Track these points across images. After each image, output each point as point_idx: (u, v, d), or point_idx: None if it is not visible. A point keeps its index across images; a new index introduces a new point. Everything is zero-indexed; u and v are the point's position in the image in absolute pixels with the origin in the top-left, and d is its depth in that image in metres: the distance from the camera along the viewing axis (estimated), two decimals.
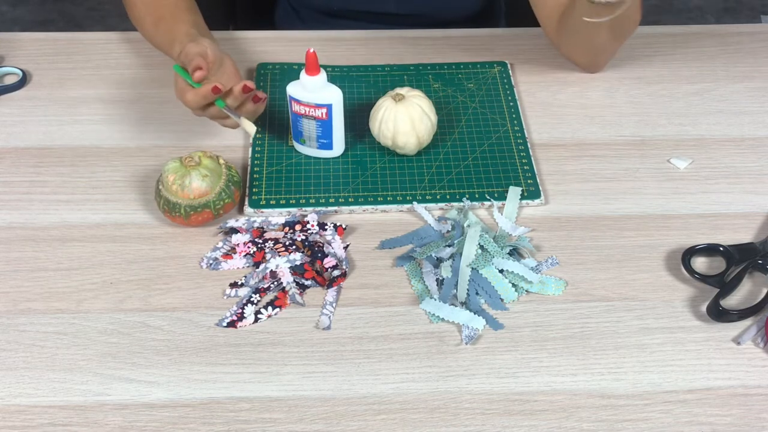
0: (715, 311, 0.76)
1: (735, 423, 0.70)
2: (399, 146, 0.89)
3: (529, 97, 1.01)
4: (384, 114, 0.88)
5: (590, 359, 0.74)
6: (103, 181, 0.90)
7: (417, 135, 0.88)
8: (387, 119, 0.87)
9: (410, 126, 0.87)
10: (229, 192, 0.83)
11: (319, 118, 0.86)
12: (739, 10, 2.41)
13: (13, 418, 0.69)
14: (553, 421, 0.70)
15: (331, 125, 0.87)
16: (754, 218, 0.87)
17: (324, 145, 0.90)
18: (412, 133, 0.87)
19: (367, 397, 0.71)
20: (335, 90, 0.86)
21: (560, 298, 0.79)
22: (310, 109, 0.86)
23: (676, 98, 1.02)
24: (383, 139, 0.89)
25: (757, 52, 1.09)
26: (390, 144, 0.89)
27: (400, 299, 0.79)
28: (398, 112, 0.87)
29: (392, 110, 0.87)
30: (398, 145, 0.89)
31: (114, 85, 1.01)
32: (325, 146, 0.90)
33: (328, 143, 0.89)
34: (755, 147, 0.95)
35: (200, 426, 0.69)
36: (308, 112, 0.86)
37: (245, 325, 0.76)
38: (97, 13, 2.36)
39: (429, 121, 0.88)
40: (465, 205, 0.87)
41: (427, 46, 1.07)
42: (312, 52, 0.83)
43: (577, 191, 0.90)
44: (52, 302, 0.78)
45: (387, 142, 0.89)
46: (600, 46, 0.98)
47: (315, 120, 0.87)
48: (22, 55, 1.05)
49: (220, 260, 0.82)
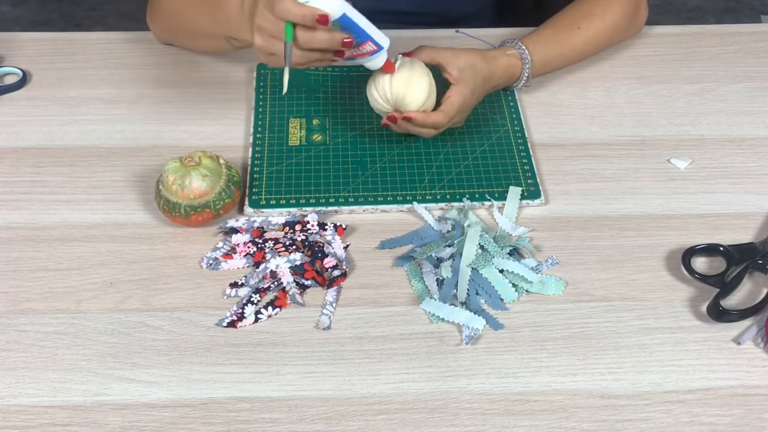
0: (715, 311, 0.76)
1: (735, 423, 0.70)
2: (410, 96, 0.86)
3: (529, 97, 1.01)
4: (399, 60, 0.87)
5: (590, 359, 0.74)
6: (103, 181, 0.90)
7: (429, 89, 0.87)
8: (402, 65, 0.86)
9: (427, 82, 0.87)
10: (229, 192, 0.83)
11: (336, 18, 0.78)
12: (739, 10, 2.41)
13: (13, 418, 0.69)
14: (553, 421, 0.70)
15: (358, 29, 0.80)
16: (754, 218, 0.87)
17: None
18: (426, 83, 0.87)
19: (367, 397, 0.71)
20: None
21: (560, 298, 0.79)
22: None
23: (676, 98, 1.02)
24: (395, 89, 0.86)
25: (757, 52, 1.09)
26: (401, 94, 0.86)
27: (400, 299, 0.79)
28: (414, 63, 0.87)
29: (407, 61, 0.87)
30: (411, 94, 0.86)
31: (114, 85, 1.01)
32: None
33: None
34: (755, 147, 0.95)
35: (200, 426, 0.69)
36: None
37: (245, 325, 0.76)
38: (97, 13, 2.35)
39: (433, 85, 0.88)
40: (465, 205, 0.87)
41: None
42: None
43: (577, 191, 0.90)
44: (52, 302, 0.78)
45: (397, 92, 0.86)
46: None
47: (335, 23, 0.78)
48: (22, 55, 1.05)
49: (220, 260, 0.82)
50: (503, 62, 0.94)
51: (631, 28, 1.05)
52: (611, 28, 1.01)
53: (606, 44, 1.04)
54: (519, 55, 0.95)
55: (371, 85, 0.88)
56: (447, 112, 0.88)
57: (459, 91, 0.88)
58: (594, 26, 1.00)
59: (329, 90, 1.00)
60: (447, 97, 0.88)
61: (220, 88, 1.01)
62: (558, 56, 0.99)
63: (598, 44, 1.02)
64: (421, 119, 0.87)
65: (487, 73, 0.92)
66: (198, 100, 1.00)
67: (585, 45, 1.01)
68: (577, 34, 0.99)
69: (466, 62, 0.89)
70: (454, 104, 0.88)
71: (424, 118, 0.87)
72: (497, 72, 0.93)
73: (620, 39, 1.06)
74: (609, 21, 1.01)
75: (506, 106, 0.99)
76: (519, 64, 0.95)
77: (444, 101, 0.88)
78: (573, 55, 1.01)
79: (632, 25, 1.05)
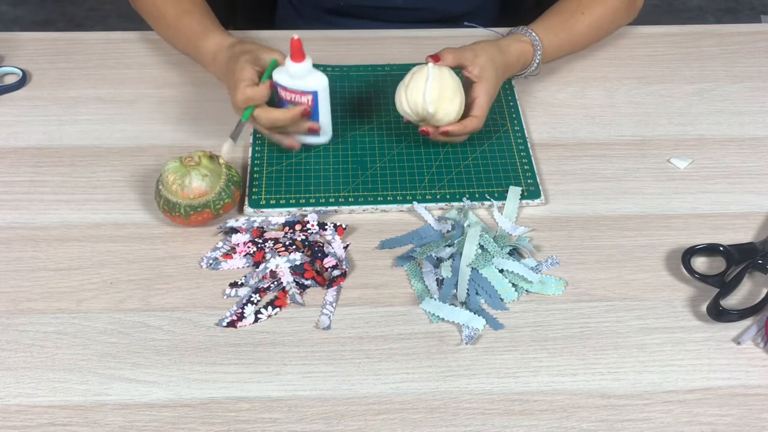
0: (715, 311, 0.76)
1: (735, 423, 0.70)
2: (442, 111, 0.86)
3: (529, 97, 1.01)
4: (430, 73, 0.86)
5: (590, 359, 0.74)
6: (103, 181, 0.90)
7: (461, 102, 0.87)
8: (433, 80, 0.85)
9: (459, 96, 0.86)
10: (229, 192, 0.83)
11: (306, 105, 0.86)
12: (739, 10, 2.41)
13: (13, 418, 0.69)
14: (553, 421, 0.70)
15: (317, 112, 0.87)
16: (754, 218, 0.87)
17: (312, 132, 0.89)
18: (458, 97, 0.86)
19: (367, 397, 0.71)
20: (321, 76, 0.85)
21: (560, 298, 0.79)
22: (296, 95, 0.86)
23: (676, 98, 1.02)
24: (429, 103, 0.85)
25: (757, 52, 1.09)
26: (432, 109, 0.86)
27: (400, 299, 0.79)
28: (443, 73, 0.86)
29: (437, 72, 0.86)
30: (443, 110, 0.86)
31: (114, 85, 1.02)
32: (313, 133, 0.89)
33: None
34: (755, 147, 0.95)
35: (200, 426, 0.69)
36: (294, 98, 0.86)
37: (245, 325, 0.76)
38: (97, 13, 2.36)
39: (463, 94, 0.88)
40: (465, 205, 0.87)
41: (427, 45, 1.07)
42: (297, 39, 0.82)
43: (577, 191, 0.90)
44: (52, 302, 0.78)
45: (428, 108, 0.85)
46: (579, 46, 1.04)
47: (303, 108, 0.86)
48: (22, 55, 1.05)
49: (220, 260, 0.82)
50: (516, 50, 0.95)
51: (630, 13, 1.07)
52: (612, 12, 1.03)
53: (608, 28, 1.05)
54: (530, 42, 0.96)
55: (402, 96, 0.87)
56: (480, 117, 0.89)
57: (484, 90, 0.89)
58: (596, 11, 1.01)
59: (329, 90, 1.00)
60: (473, 98, 0.89)
61: (220, 88, 1.01)
62: (566, 42, 1.00)
63: (601, 28, 1.04)
64: (459, 130, 0.88)
65: (504, 64, 0.93)
66: (198, 100, 1.00)
67: (589, 29, 1.02)
68: (582, 19, 1.01)
69: (486, 58, 0.90)
70: (484, 106, 0.89)
71: (461, 129, 0.88)
72: (512, 60, 0.95)
73: (620, 23, 1.07)
74: (610, 5, 1.02)
75: (506, 106, 0.99)
76: (531, 50, 0.96)
77: (472, 105, 0.89)
78: (579, 40, 1.02)
79: (631, 9, 1.06)
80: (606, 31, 1.06)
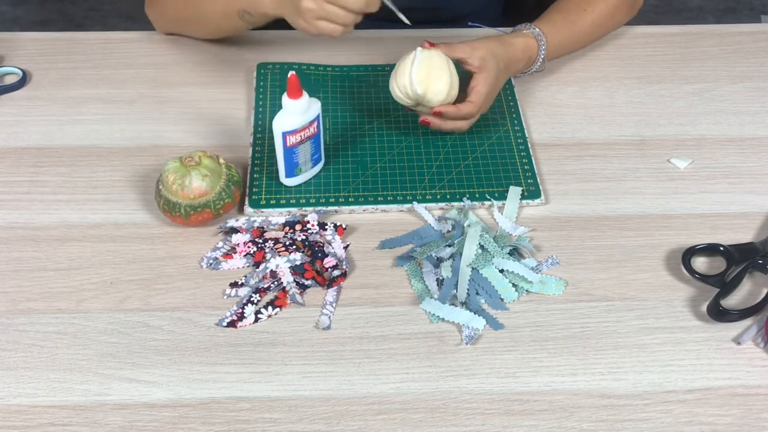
0: (715, 311, 0.76)
1: (735, 423, 0.70)
2: (431, 91, 0.86)
3: (529, 97, 1.01)
4: (417, 56, 0.86)
5: (590, 359, 0.74)
6: (103, 181, 0.90)
7: (451, 81, 0.87)
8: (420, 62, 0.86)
9: (447, 70, 0.86)
10: (229, 192, 0.83)
11: (312, 135, 0.85)
12: (739, 10, 2.41)
13: (13, 418, 0.69)
14: (553, 421, 0.70)
15: (320, 135, 0.86)
16: (754, 218, 0.87)
17: (316, 160, 0.88)
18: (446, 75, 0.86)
19: (367, 397, 0.71)
20: (316, 100, 0.84)
21: (560, 298, 0.79)
22: (305, 130, 0.84)
23: (676, 98, 1.02)
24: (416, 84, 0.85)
25: (757, 52, 1.09)
26: (420, 90, 0.86)
27: (400, 299, 0.79)
28: (431, 55, 0.86)
29: (425, 55, 0.86)
30: (432, 89, 0.86)
31: (114, 85, 1.01)
32: (317, 160, 0.88)
33: (318, 156, 0.88)
34: (755, 147, 0.95)
35: (200, 426, 0.69)
36: (304, 135, 0.84)
37: (245, 325, 0.76)
38: (97, 13, 2.35)
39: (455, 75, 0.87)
40: (465, 204, 0.87)
41: None
42: (293, 76, 0.80)
43: (577, 191, 0.90)
44: (52, 302, 0.78)
45: (416, 89, 0.85)
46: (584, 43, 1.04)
47: (310, 139, 0.85)
48: (22, 55, 1.05)
49: (220, 260, 0.82)
50: (521, 45, 0.95)
51: (632, 9, 1.07)
52: (614, 9, 1.03)
53: (610, 25, 1.05)
54: (534, 36, 0.96)
55: (393, 82, 0.88)
56: (476, 102, 0.88)
57: (483, 78, 0.89)
58: (598, 8, 1.02)
59: (329, 90, 1.00)
60: (472, 86, 0.89)
61: (220, 88, 1.01)
62: (569, 39, 1.01)
63: (603, 25, 1.04)
64: (452, 112, 0.88)
65: (507, 58, 0.93)
66: (198, 100, 1.00)
67: (592, 26, 1.02)
68: (584, 16, 1.01)
69: (485, 50, 0.90)
70: (481, 92, 0.88)
71: (455, 111, 0.88)
72: (516, 55, 0.94)
73: (622, 20, 1.07)
74: (611, 2, 1.02)
75: (506, 106, 0.99)
76: (535, 46, 0.96)
77: (470, 91, 0.89)
78: (582, 37, 1.03)
79: (633, 6, 1.06)
80: (608, 28, 1.06)
